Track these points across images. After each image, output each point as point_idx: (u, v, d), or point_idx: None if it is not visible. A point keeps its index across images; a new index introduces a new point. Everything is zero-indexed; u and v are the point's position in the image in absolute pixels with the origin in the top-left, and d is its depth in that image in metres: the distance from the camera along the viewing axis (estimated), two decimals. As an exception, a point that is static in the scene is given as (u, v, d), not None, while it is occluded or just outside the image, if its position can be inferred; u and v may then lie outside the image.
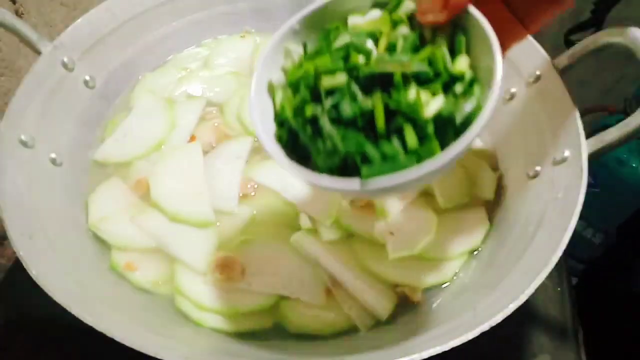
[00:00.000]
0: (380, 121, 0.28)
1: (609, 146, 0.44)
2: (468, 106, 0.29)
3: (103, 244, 0.52)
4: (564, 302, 0.53)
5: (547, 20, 0.35)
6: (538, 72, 0.51)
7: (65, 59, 0.57)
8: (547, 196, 0.46)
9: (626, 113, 0.96)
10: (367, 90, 0.29)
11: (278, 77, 0.35)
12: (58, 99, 0.56)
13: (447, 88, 0.30)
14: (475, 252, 0.51)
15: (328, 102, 0.29)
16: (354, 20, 0.33)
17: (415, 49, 0.31)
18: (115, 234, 0.52)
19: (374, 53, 0.30)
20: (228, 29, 0.71)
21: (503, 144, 0.57)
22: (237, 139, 0.59)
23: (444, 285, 0.49)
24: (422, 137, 0.28)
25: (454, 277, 0.49)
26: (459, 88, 0.30)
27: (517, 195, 0.51)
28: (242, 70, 0.67)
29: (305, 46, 0.35)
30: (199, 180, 0.54)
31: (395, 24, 0.32)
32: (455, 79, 0.30)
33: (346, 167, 0.29)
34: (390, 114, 0.28)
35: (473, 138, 0.28)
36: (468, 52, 0.31)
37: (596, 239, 1.08)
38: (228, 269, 0.47)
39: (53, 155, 0.54)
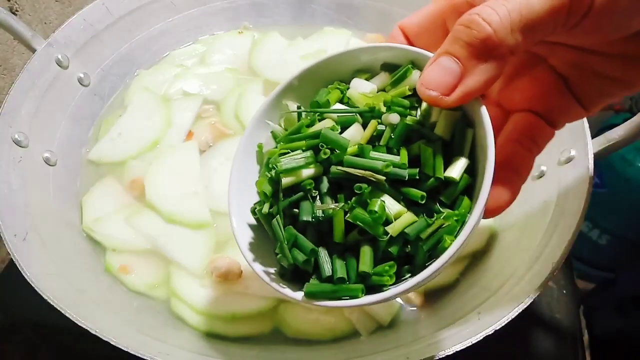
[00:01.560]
0: (338, 235, 0.26)
1: (615, 145, 0.44)
2: (442, 227, 0.25)
3: (98, 246, 0.51)
4: (569, 305, 0.52)
5: (611, 103, 0.30)
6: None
7: (60, 56, 0.56)
8: (553, 196, 0.45)
9: (632, 112, 0.96)
10: (334, 188, 0.27)
11: (267, 142, 0.32)
12: (52, 96, 0.55)
13: (433, 193, 0.26)
14: (478, 254, 0.50)
15: (284, 202, 0.27)
16: (355, 84, 0.31)
17: (407, 137, 0.27)
18: (109, 235, 0.51)
19: (353, 142, 0.27)
20: (225, 24, 0.71)
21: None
22: (234, 137, 0.58)
23: (446, 289, 0.48)
24: (381, 258, 0.26)
25: (457, 280, 0.48)
26: (444, 198, 0.26)
27: (521, 195, 0.50)
28: (239, 67, 0.66)
29: (299, 115, 0.32)
30: (195, 180, 0.53)
31: (389, 107, 0.28)
32: (444, 183, 0.26)
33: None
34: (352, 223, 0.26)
35: (431, 275, 0.24)
36: (472, 146, 0.27)
37: (602, 240, 1.07)
38: (225, 271, 0.46)
39: (47, 155, 0.53)
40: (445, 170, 0.26)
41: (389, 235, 0.25)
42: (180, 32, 0.68)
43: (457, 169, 0.26)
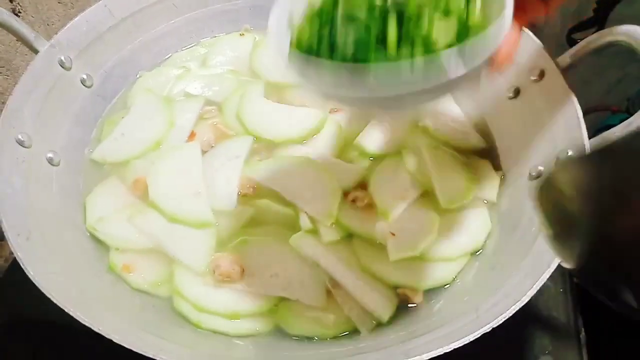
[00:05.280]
0: (391, 35, 0.29)
1: (613, 146, 0.44)
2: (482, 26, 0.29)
3: (101, 245, 0.52)
4: (567, 303, 0.52)
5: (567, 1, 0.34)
6: (541, 69, 0.50)
7: (62, 58, 0.56)
8: (550, 196, 0.46)
9: (629, 112, 0.96)
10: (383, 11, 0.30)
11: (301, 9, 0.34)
12: (55, 98, 0.56)
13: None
14: (477, 253, 0.51)
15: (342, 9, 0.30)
16: None
17: None
18: (113, 234, 0.51)
19: None
20: (227, 27, 0.71)
21: (506, 144, 0.57)
22: (236, 138, 0.58)
23: (445, 287, 0.49)
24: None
25: (456, 279, 0.49)
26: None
27: (519, 195, 0.51)
28: (240, 69, 0.67)
29: None
30: (197, 180, 0.54)
31: None
32: None
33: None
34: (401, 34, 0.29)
35: (482, 58, 0.28)
36: None
37: (599, 239, 1.07)
38: (227, 270, 0.47)
39: (50, 155, 0.54)
40: None
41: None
42: (182, 34, 0.69)
43: None
